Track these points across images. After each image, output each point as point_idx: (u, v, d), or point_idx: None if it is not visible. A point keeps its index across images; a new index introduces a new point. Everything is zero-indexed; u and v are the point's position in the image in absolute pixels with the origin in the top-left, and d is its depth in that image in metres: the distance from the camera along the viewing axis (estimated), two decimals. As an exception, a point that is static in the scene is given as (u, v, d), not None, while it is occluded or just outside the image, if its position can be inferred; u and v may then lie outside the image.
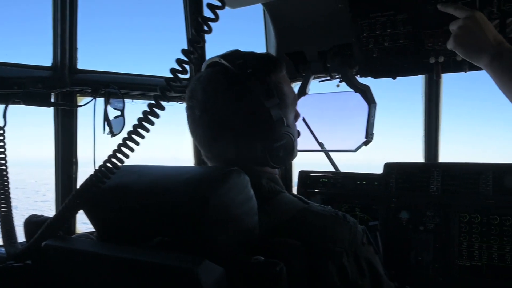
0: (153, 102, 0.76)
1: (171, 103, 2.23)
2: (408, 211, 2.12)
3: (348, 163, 2.40)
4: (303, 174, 2.44)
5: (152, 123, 0.78)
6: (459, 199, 2.03)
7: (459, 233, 2.01)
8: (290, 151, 1.06)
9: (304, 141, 2.31)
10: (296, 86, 2.09)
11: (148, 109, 0.76)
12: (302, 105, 2.06)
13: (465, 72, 1.61)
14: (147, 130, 0.78)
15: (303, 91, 1.96)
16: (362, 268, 0.94)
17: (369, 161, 2.30)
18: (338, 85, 2.00)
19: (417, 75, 1.79)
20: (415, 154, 2.45)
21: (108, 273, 0.83)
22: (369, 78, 1.90)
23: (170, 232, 0.86)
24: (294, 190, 2.52)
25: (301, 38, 1.89)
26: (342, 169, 2.44)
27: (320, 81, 2.08)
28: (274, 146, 1.01)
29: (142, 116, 0.76)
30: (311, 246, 0.88)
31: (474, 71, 1.61)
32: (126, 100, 2.09)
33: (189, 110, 1.10)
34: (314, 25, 1.80)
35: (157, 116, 0.77)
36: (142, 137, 0.78)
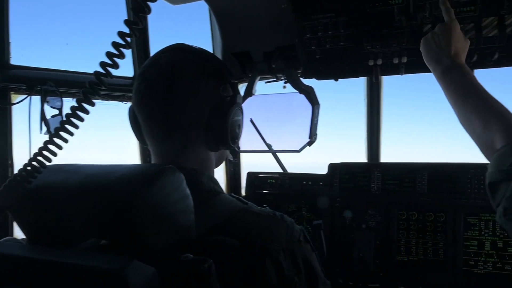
0: (82, 97, 0.73)
1: (115, 102, 2.16)
2: (352, 210, 2.19)
3: (306, 165, 2.43)
4: (251, 176, 2.45)
5: (81, 120, 0.74)
6: (398, 198, 2.12)
7: (397, 230, 2.10)
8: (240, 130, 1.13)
9: (252, 142, 2.33)
10: (242, 87, 2.10)
11: (76, 105, 0.72)
12: (248, 106, 2.07)
13: (401, 75, 1.69)
14: (76, 126, 0.74)
15: (249, 92, 1.97)
16: (299, 265, 0.95)
17: (328, 161, 2.34)
18: (284, 87, 2.03)
19: (358, 77, 1.85)
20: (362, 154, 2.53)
21: (34, 278, 0.78)
22: (314, 79, 1.95)
23: (102, 233, 0.82)
24: (243, 192, 2.52)
25: (246, 38, 1.89)
26: (298, 170, 2.46)
27: (266, 82, 2.10)
28: (225, 124, 1.04)
29: (70, 112, 0.72)
30: (249, 244, 0.88)
31: (410, 74, 1.69)
32: (65, 99, 2.00)
33: (146, 100, 1.03)
34: (259, 25, 1.81)
35: (86, 112, 0.74)
36: (71, 134, 0.75)
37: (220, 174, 2.53)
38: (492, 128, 0.99)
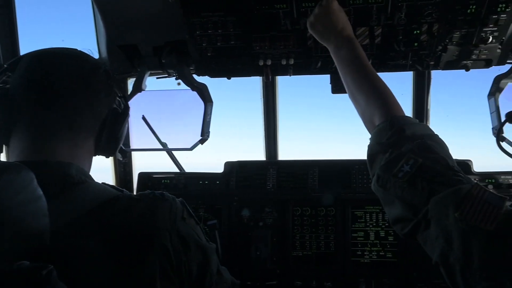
0: None
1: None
2: (249, 208, 2.18)
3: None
4: (144, 176, 2.31)
5: None
6: (292, 194, 2.17)
7: (293, 226, 2.15)
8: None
9: (143, 140, 2.20)
10: (131, 82, 1.96)
11: None
12: (138, 102, 1.95)
13: (290, 76, 1.72)
14: None
15: (138, 87, 1.84)
16: (187, 243, 0.93)
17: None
18: (179, 83, 1.95)
19: (250, 76, 1.84)
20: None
21: None
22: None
23: None
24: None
25: (133, 31, 1.76)
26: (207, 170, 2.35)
27: (157, 78, 1.99)
28: (118, 136, 1.06)
29: None
30: (124, 235, 0.85)
31: (298, 75, 1.73)
32: None
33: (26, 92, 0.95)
34: (146, 18, 1.69)
35: None
36: None
37: (108, 176, 2.35)
38: (373, 105, 1.09)
